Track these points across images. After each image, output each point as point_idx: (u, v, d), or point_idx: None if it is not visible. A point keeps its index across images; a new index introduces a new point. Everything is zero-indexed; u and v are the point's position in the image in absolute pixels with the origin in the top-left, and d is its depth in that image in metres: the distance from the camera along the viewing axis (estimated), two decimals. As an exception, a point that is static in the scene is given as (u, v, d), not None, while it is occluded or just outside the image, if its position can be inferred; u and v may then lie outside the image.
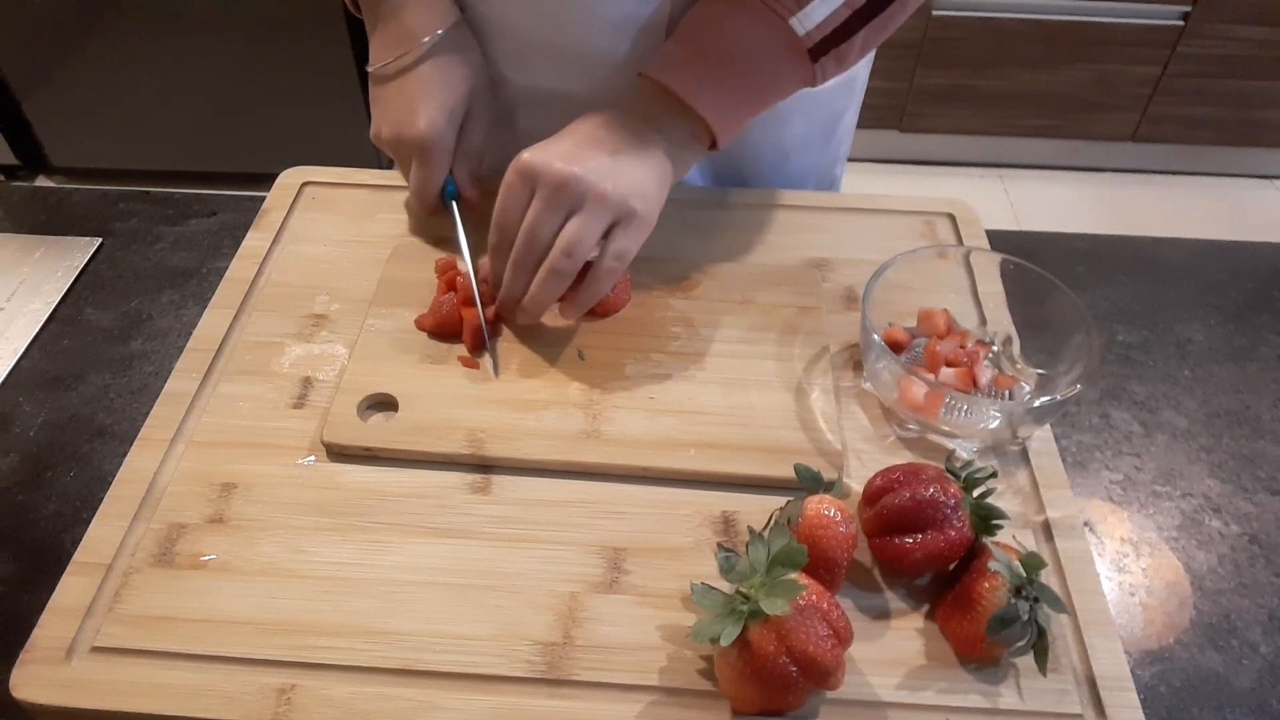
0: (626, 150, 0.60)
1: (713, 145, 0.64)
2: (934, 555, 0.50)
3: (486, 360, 0.63)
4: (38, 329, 0.71)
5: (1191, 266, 0.79)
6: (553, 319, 0.65)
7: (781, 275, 0.70)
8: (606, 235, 0.59)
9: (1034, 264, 0.63)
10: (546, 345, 0.65)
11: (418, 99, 0.67)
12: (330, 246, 0.73)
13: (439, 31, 0.68)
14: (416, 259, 0.70)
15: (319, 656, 0.49)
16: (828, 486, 0.52)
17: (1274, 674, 0.53)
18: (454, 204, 0.70)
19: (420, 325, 0.65)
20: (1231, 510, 0.61)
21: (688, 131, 0.63)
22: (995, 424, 0.58)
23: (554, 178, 0.57)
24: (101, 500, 0.56)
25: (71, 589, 0.51)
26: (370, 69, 0.70)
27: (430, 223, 0.74)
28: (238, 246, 0.72)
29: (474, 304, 0.64)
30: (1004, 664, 0.50)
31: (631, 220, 0.59)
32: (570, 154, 0.59)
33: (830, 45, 0.61)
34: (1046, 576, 0.53)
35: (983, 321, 0.67)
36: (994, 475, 0.53)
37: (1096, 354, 0.57)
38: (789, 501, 0.52)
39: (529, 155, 0.58)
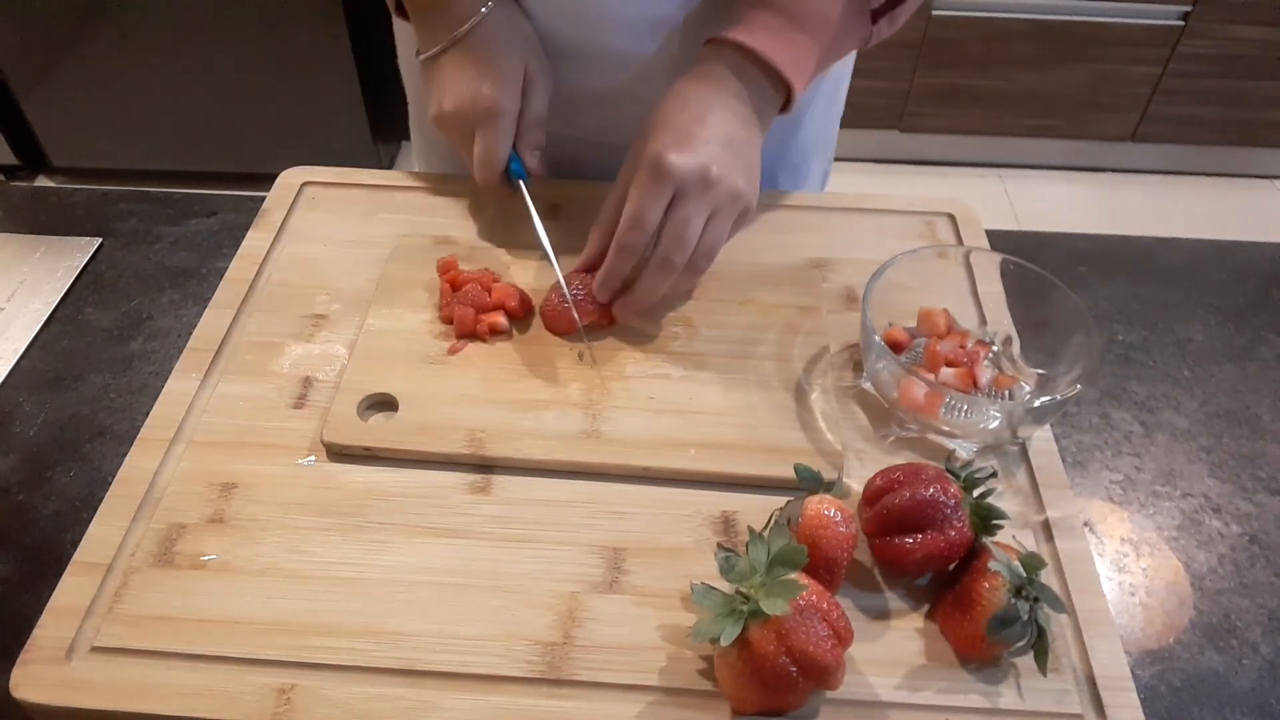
0: (737, 137, 0.62)
1: (784, 108, 0.65)
2: (934, 555, 0.50)
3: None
4: (38, 329, 0.71)
5: (1191, 266, 0.79)
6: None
7: (781, 275, 0.70)
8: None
9: (1034, 264, 0.63)
10: (546, 345, 0.65)
11: (479, 69, 0.67)
12: (330, 246, 0.73)
13: (489, 3, 0.68)
14: (416, 259, 0.70)
15: (319, 656, 0.49)
16: (828, 486, 0.52)
17: (1274, 674, 0.53)
18: (521, 182, 0.69)
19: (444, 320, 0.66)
20: (1231, 510, 0.61)
21: (767, 97, 0.64)
22: (995, 424, 0.58)
23: (699, 182, 0.59)
24: (101, 500, 0.56)
25: (71, 589, 0.51)
26: (421, 56, 0.70)
27: (430, 222, 0.74)
28: (238, 246, 0.72)
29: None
30: (1004, 664, 0.50)
31: (744, 214, 0.62)
32: (705, 154, 0.60)
33: (890, 8, 0.64)
34: (1046, 576, 0.53)
35: (983, 321, 0.67)
36: (994, 475, 0.53)
37: (1096, 354, 0.57)
38: (789, 501, 0.52)
39: (674, 158, 0.59)
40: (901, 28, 0.68)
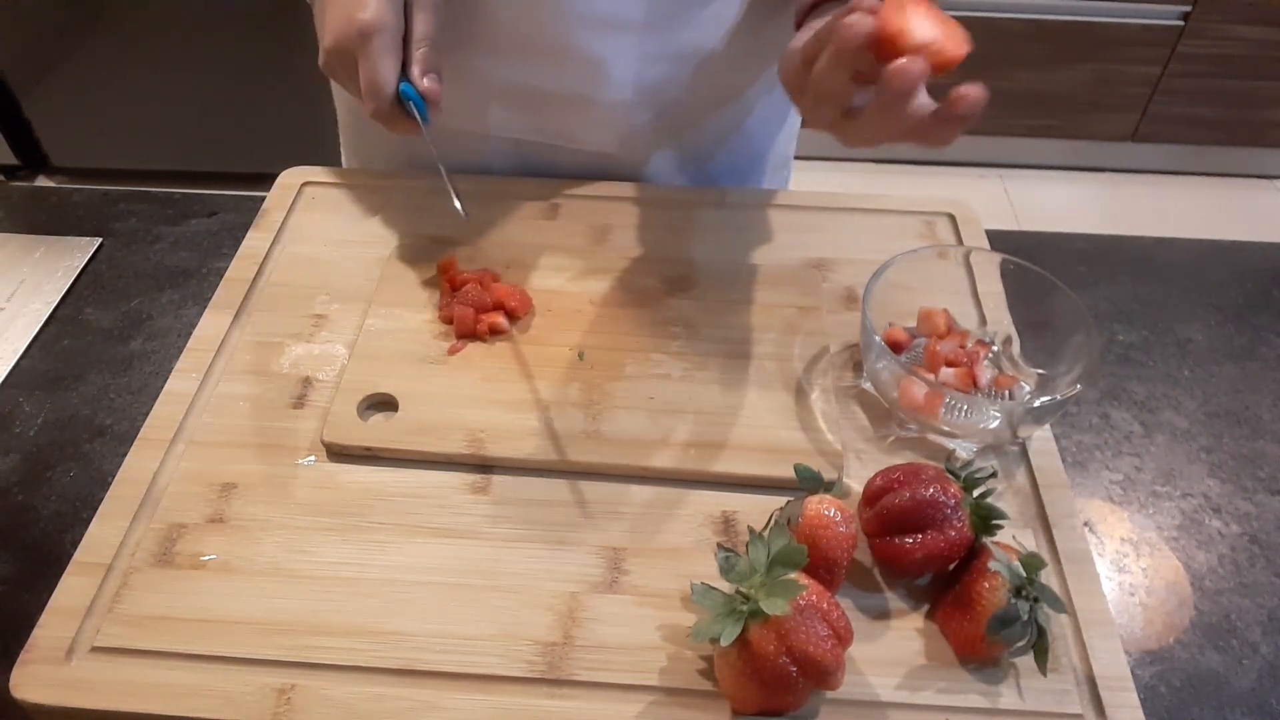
0: None
1: None
2: (934, 555, 0.50)
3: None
4: (38, 329, 0.71)
5: (1191, 266, 0.79)
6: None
7: (781, 275, 0.70)
8: None
9: (1034, 264, 0.63)
10: (546, 345, 0.65)
11: None
12: (330, 246, 0.73)
13: None
14: (416, 259, 0.70)
15: (319, 656, 0.49)
16: (828, 486, 0.52)
17: (1274, 674, 0.53)
18: (412, 105, 0.60)
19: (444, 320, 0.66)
20: (1231, 510, 0.61)
21: None
22: (995, 424, 0.58)
23: None
24: (101, 500, 0.56)
25: (71, 589, 0.51)
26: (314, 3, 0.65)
27: (430, 222, 0.74)
28: (238, 246, 0.72)
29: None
30: (1004, 664, 0.50)
31: None
32: None
33: None
34: (1046, 576, 0.53)
35: (983, 321, 0.67)
36: (994, 475, 0.53)
37: (1096, 354, 0.58)
38: (789, 501, 0.52)
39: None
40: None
